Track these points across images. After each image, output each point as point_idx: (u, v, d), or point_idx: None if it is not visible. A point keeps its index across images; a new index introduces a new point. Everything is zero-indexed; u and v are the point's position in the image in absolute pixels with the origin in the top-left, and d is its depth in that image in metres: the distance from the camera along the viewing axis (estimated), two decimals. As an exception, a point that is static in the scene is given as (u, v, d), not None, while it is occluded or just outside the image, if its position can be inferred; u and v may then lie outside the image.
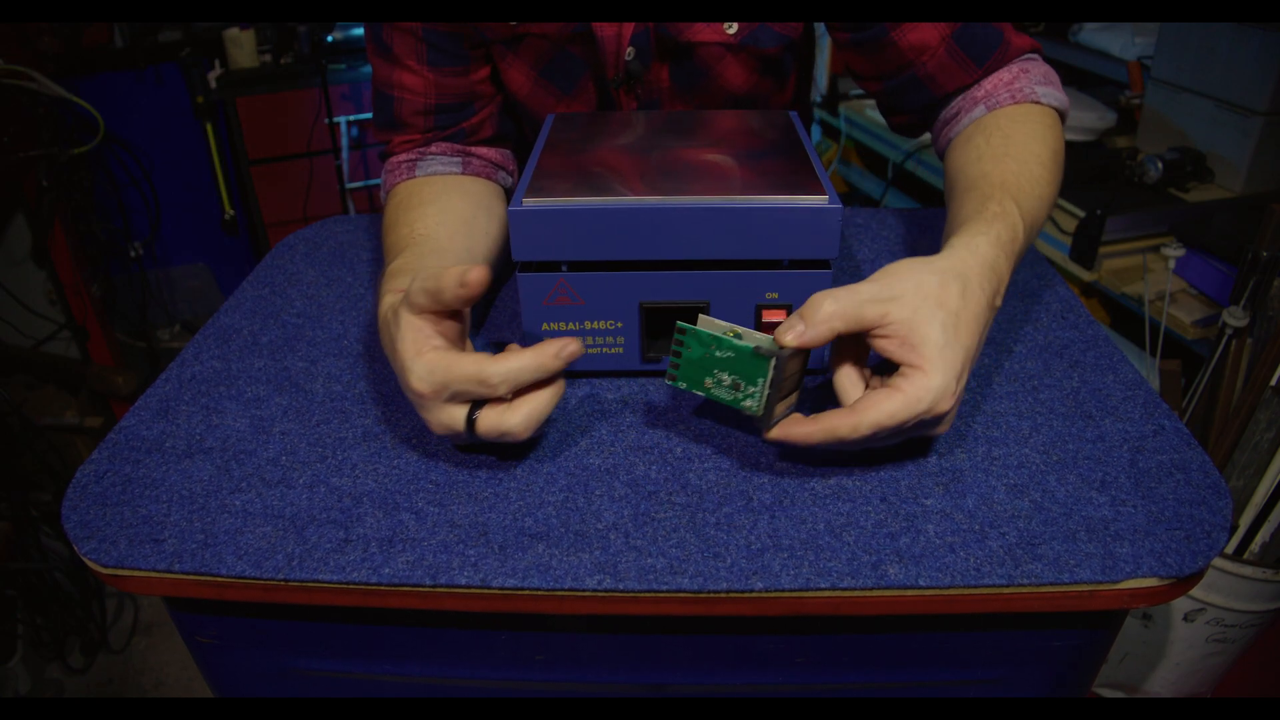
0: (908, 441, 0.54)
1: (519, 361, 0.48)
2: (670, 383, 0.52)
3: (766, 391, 0.50)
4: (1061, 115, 0.69)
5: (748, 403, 0.50)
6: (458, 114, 0.76)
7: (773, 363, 0.49)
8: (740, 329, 0.51)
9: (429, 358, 0.49)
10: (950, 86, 0.69)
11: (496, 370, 0.48)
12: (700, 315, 0.51)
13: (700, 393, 0.51)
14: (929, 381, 0.47)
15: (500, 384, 0.48)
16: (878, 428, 0.47)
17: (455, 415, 0.50)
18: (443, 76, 0.74)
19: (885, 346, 0.49)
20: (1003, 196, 0.58)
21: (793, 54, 0.82)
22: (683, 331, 0.50)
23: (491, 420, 0.50)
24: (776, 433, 0.50)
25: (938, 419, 0.49)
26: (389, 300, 0.56)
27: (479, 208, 0.71)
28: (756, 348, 0.49)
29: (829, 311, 0.48)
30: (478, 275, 0.48)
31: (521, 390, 0.50)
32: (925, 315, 0.48)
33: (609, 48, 0.74)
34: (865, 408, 0.48)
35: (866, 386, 0.52)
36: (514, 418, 0.50)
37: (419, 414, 0.52)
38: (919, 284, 0.49)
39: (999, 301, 0.54)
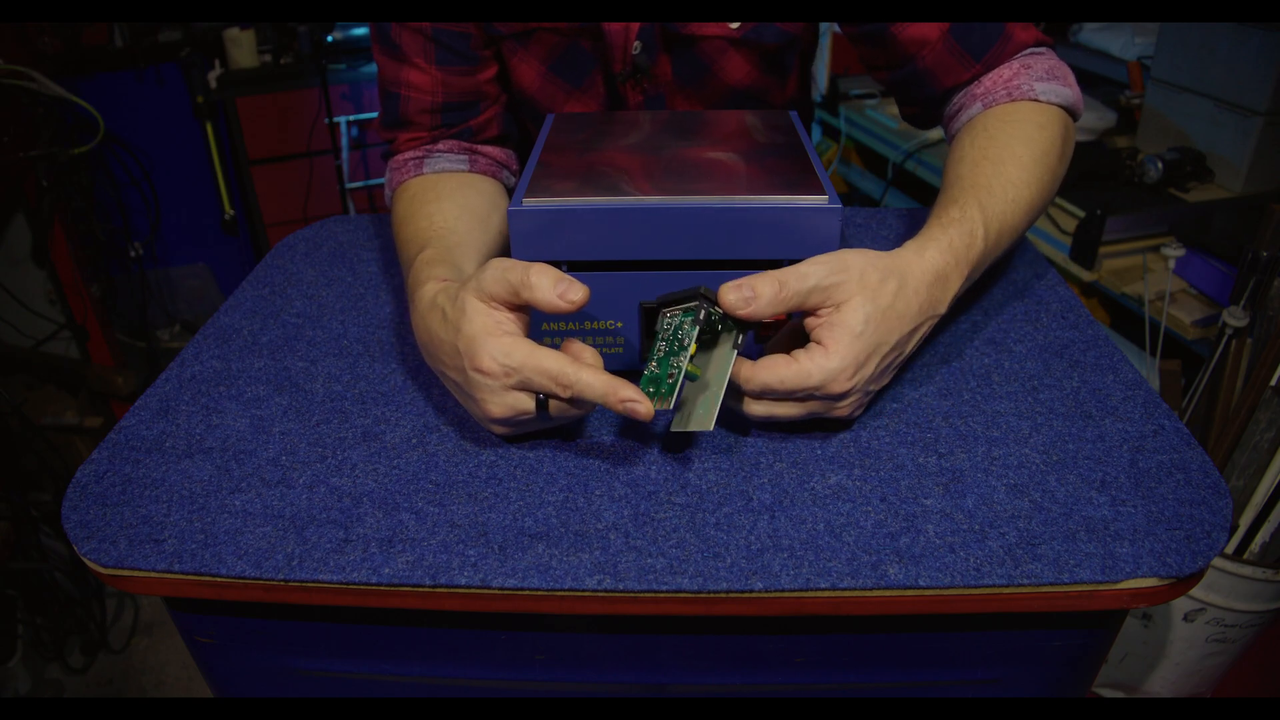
0: (904, 441, 0.54)
1: (593, 379, 0.49)
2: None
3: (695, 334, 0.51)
4: (1070, 110, 0.68)
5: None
6: (464, 113, 0.76)
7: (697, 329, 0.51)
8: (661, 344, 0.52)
9: (505, 341, 0.50)
10: (949, 81, 0.69)
11: (575, 377, 0.49)
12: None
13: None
14: (825, 362, 0.50)
15: (568, 389, 0.49)
16: (766, 387, 0.51)
17: (522, 400, 0.51)
18: (450, 75, 0.74)
19: (811, 322, 0.52)
20: (967, 201, 0.59)
21: (794, 51, 0.82)
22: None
23: (561, 408, 0.51)
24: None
25: (831, 399, 0.51)
26: (435, 287, 0.56)
27: (492, 206, 0.72)
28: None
29: (778, 298, 0.50)
30: (581, 296, 0.49)
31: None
32: (855, 305, 0.50)
33: (616, 41, 0.75)
34: (761, 365, 0.51)
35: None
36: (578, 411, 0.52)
37: (471, 392, 0.52)
38: (862, 275, 0.51)
39: (943, 309, 0.55)
